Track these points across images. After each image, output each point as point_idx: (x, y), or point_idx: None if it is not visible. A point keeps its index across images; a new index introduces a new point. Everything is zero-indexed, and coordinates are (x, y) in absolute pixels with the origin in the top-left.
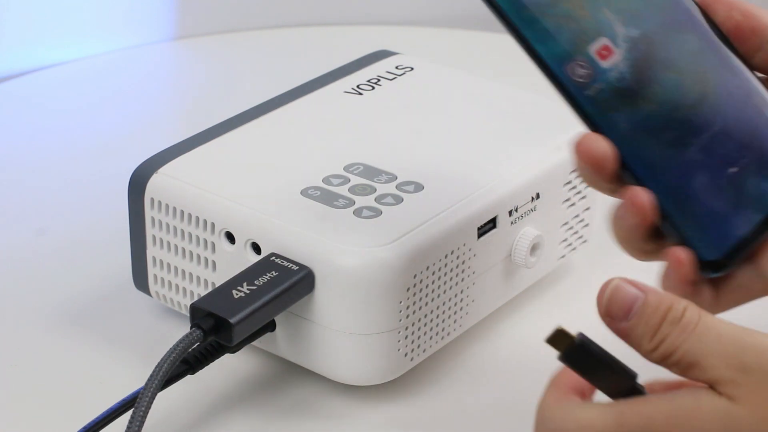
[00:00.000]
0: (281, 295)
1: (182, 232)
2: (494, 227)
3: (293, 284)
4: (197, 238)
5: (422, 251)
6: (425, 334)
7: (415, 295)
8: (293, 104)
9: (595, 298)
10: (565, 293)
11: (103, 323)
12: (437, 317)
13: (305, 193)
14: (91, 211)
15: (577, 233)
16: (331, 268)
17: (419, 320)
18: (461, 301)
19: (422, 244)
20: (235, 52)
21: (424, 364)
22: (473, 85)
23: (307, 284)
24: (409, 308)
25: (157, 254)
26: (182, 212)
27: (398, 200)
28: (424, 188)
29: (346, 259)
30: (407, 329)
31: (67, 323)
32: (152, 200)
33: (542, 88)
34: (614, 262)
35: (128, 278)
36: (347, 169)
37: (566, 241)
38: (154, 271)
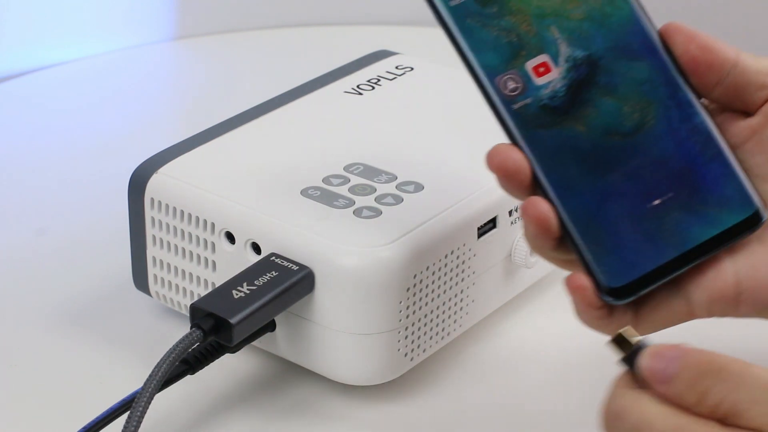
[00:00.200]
0: (281, 295)
1: (182, 232)
2: (494, 227)
3: (293, 284)
4: (197, 238)
5: (422, 251)
6: (425, 334)
7: (415, 295)
8: (293, 104)
9: None
10: (565, 293)
11: (103, 323)
12: (437, 317)
13: (305, 193)
14: (91, 211)
15: None
16: (331, 268)
17: (419, 320)
18: (461, 301)
19: (422, 244)
20: (235, 52)
21: (424, 364)
22: (473, 85)
23: (307, 284)
24: (409, 308)
25: (157, 254)
26: (182, 212)
27: (398, 200)
28: (424, 188)
29: (346, 259)
30: (407, 329)
31: (67, 323)
32: (152, 200)
33: None
34: None
35: (128, 278)
36: (347, 169)
37: None
38: (154, 271)
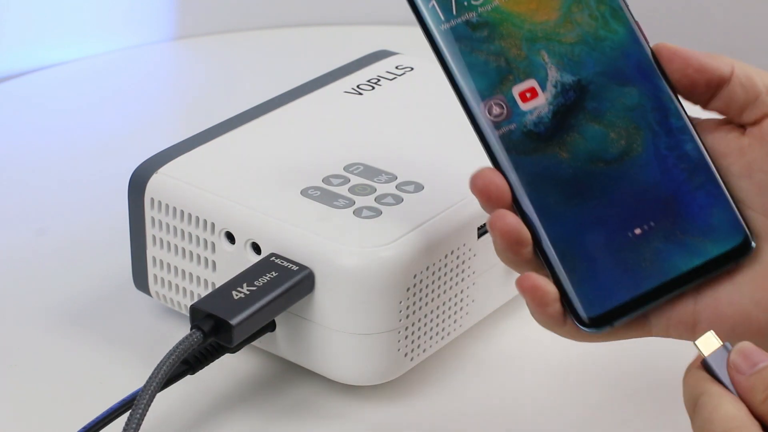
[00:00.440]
0: (281, 295)
1: (182, 232)
2: None
3: (293, 285)
4: (197, 238)
5: (422, 251)
6: (425, 334)
7: (415, 295)
8: (293, 104)
9: None
10: None
11: (103, 323)
12: (437, 317)
13: (305, 193)
14: (91, 211)
15: None
16: (331, 268)
17: (419, 320)
18: (461, 301)
19: (422, 244)
20: (235, 52)
21: (424, 364)
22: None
23: (307, 284)
24: (409, 308)
25: (157, 254)
26: (182, 212)
27: (398, 200)
28: (424, 188)
29: (346, 259)
30: (407, 329)
31: (67, 323)
32: (152, 200)
33: None
34: None
35: (128, 278)
36: (347, 169)
37: None
38: (154, 271)
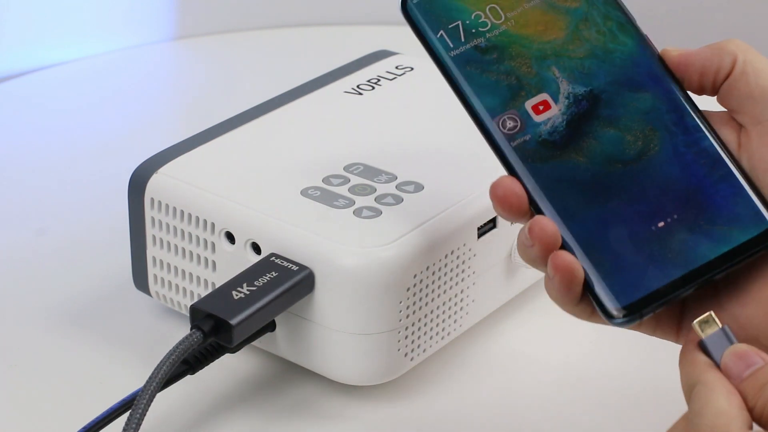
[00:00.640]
0: (281, 295)
1: (182, 232)
2: (494, 227)
3: (293, 285)
4: (197, 238)
5: (422, 251)
6: (425, 334)
7: (415, 295)
8: (293, 104)
9: None
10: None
11: (103, 323)
12: (437, 317)
13: (305, 193)
14: (91, 211)
15: None
16: (331, 268)
17: (419, 320)
18: (461, 301)
19: (422, 244)
20: (235, 52)
21: (424, 364)
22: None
23: (307, 284)
24: (409, 308)
25: (157, 254)
26: (182, 212)
27: (398, 200)
28: (424, 188)
29: (346, 259)
30: (407, 329)
31: (67, 323)
32: (152, 200)
33: None
34: None
35: (128, 278)
36: (347, 169)
37: None
38: (154, 271)
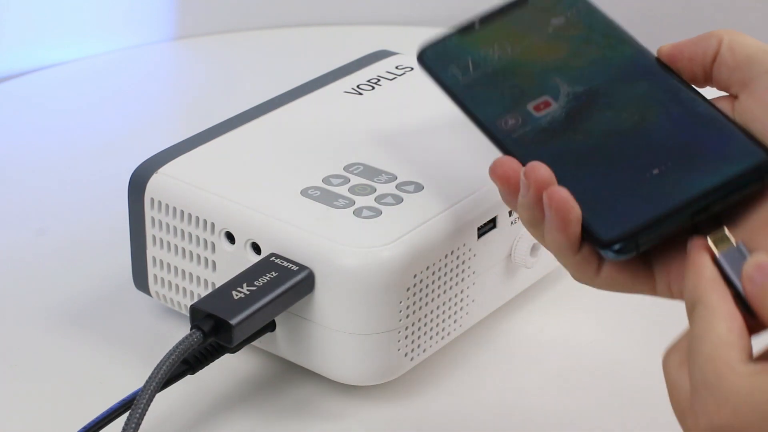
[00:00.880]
0: (281, 295)
1: (182, 232)
2: (494, 227)
3: (293, 285)
4: (197, 238)
5: (422, 251)
6: (425, 334)
7: (415, 295)
8: (293, 104)
9: (594, 298)
10: (565, 293)
11: (103, 323)
12: (437, 317)
13: (305, 193)
14: (91, 211)
15: None
16: (331, 268)
17: (419, 320)
18: (461, 301)
19: (422, 244)
20: (235, 52)
21: (424, 364)
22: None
23: (307, 284)
24: (409, 308)
25: (157, 254)
26: (182, 212)
27: (398, 200)
28: (424, 188)
29: (346, 259)
30: (407, 329)
31: (67, 323)
32: (152, 200)
33: None
34: None
35: (128, 278)
36: (347, 169)
37: None
38: (154, 271)
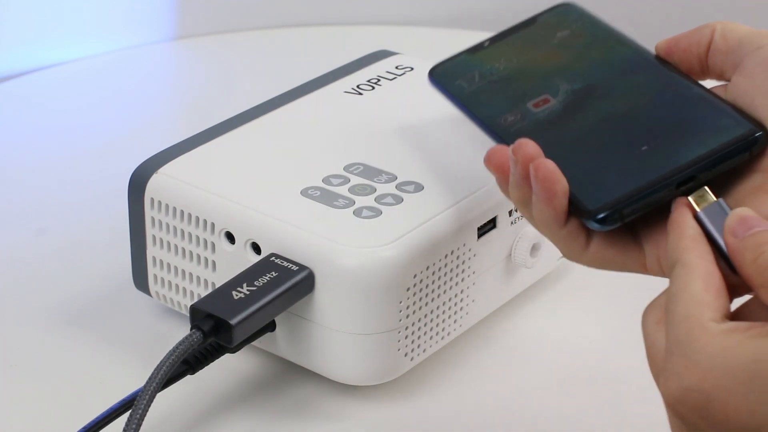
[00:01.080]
0: (281, 295)
1: (182, 232)
2: (494, 227)
3: (293, 285)
4: (197, 238)
5: (422, 251)
6: (425, 334)
7: (415, 295)
8: (293, 104)
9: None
10: (565, 293)
11: (103, 323)
12: (437, 317)
13: (305, 193)
14: (91, 211)
15: None
16: (331, 268)
17: (419, 320)
18: (461, 301)
19: (422, 244)
20: (235, 52)
21: (424, 364)
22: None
23: (307, 284)
24: (409, 308)
25: (157, 254)
26: (182, 212)
27: (398, 200)
28: (424, 188)
29: (346, 259)
30: (407, 329)
31: (67, 323)
32: (152, 200)
33: None
34: None
35: (128, 278)
36: (347, 169)
37: None
38: (154, 271)
